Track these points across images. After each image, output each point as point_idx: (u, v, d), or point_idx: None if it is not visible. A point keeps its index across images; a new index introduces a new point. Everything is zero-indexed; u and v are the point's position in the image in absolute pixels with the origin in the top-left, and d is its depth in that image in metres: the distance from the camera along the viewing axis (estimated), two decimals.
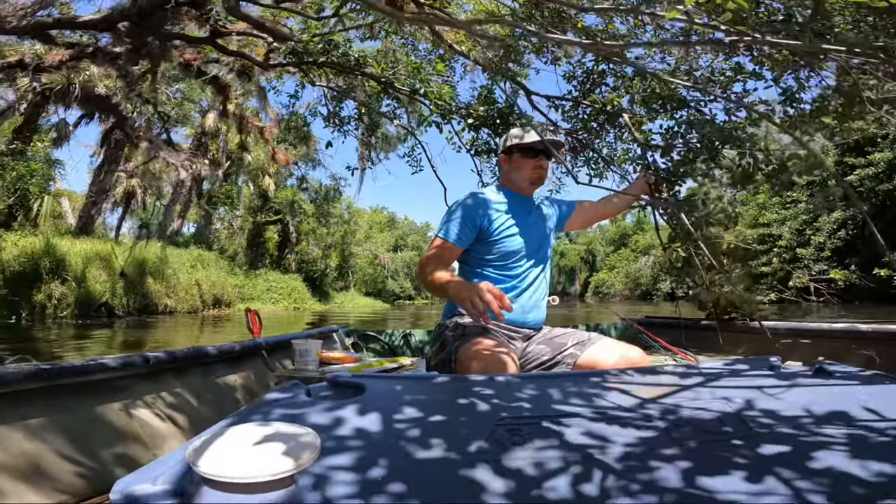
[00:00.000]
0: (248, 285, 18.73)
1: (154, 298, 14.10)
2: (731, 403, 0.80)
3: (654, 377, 1.01)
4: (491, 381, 0.98)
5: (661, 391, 0.89)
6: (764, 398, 0.84)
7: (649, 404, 0.82)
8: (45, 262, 12.08)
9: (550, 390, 0.90)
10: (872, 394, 0.86)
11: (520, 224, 1.70)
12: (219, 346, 1.98)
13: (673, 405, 0.81)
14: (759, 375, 0.98)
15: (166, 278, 14.74)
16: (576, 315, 11.48)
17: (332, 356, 2.50)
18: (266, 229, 23.40)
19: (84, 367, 1.35)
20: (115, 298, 13.00)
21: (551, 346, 1.63)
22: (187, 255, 16.86)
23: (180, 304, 14.81)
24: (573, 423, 0.73)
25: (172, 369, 1.72)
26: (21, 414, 1.19)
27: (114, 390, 1.46)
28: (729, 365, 1.07)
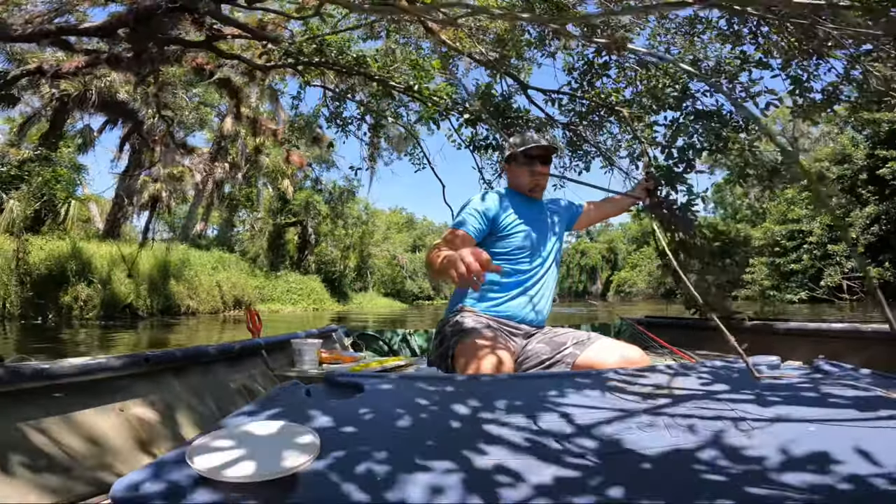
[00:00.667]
0: (268, 286, 18.98)
1: (176, 300, 14.40)
2: (729, 403, 0.80)
3: (653, 377, 1.00)
4: (490, 380, 0.98)
5: (660, 391, 0.89)
6: (763, 396, 0.83)
7: (648, 404, 0.82)
8: (71, 264, 12.46)
9: (549, 390, 0.90)
10: (872, 392, 0.85)
11: (529, 223, 1.72)
12: (218, 346, 1.98)
13: (672, 405, 0.81)
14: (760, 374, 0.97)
15: (188, 280, 15.05)
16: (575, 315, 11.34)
17: (331, 356, 2.56)
18: (286, 231, 23.70)
19: (83, 366, 1.35)
20: (139, 300, 13.33)
21: (551, 345, 1.63)
22: (209, 257, 17.17)
23: (202, 305, 15.09)
24: (573, 422, 0.74)
25: (172, 369, 1.71)
26: (20, 413, 1.19)
27: (113, 390, 1.45)
28: (729, 364, 1.06)
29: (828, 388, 0.90)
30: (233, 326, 11.62)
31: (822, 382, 0.94)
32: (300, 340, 2.40)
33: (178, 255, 15.61)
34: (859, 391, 0.87)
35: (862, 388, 0.89)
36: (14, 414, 1.18)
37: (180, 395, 1.68)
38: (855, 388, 0.89)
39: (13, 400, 1.19)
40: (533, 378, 1.01)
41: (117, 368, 1.45)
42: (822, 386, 0.92)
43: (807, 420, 0.74)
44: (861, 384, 0.91)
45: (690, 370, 1.05)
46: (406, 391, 0.93)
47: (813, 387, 0.92)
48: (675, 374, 1.02)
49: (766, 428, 0.71)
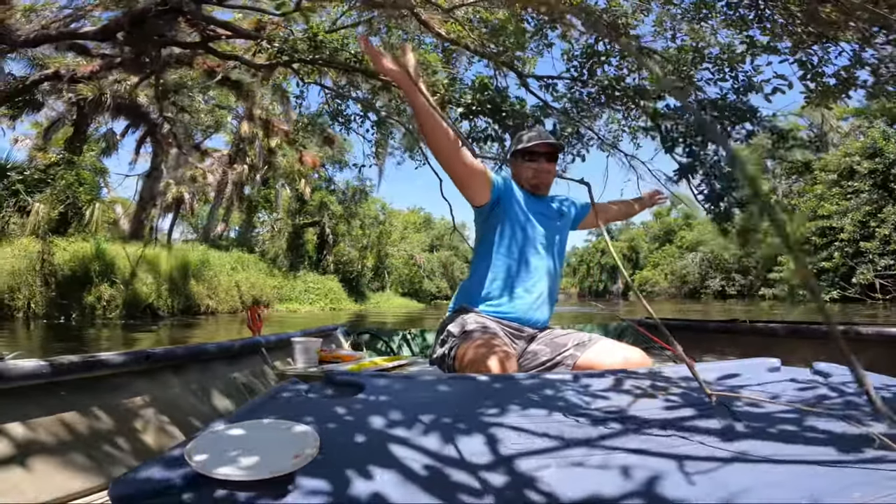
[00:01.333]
0: (286, 286, 19.17)
1: (196, 300, 14.64)
2: (731, 405, 0.80)
3: (654, 378, 0.99)
4: (490, 380, 0.98)
5: (661, 392, 0.89)
6: (764, 399, 0.83)
7: (649, 405, 0.81)
8: (94, 265, 12.77)
9: (549, 391, 0.90)
10: None
11: (530, 218, 1.69)
12: (218, 344, 1.98)
13: (672, 407, 0.81)
14: (759, 376, 0.97)
15: (208, 280, 15.29)
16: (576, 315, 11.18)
17: (331, 355, 2.58)
18: (305, 232, 23.94)
19: (84, 363, 1.35)
20: (160, 300, 13.60)
21: (551, 346, 1.62)
22: (228, 257, 17.42)
23: (220, 304, 15.32)
24: (572, 423, 0.73)
25: (172, 366, 1.71)
26: (21, 410, 1.19)
27: (113, 387, 1.45)
28: (729, 366, 1.06)
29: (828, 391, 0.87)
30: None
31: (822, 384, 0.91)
32: (300, 339, 2.40)
33: (198, 255, 15.87)
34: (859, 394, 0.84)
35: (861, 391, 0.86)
36: (14, 411, 1.18)
37: (180, 392, 1.68)
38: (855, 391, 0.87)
39: (13, 397, 1.19)
40: (533, 379, 0.99)
41: (117, 366, 1.45)
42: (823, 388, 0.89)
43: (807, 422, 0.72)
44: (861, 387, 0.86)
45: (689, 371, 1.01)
46: (406, 390, 0.92)
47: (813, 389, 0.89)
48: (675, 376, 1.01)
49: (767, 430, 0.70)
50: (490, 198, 1.65)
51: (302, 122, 5.26)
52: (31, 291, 11.42)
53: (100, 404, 1.39)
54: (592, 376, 1.03)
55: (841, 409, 0.78)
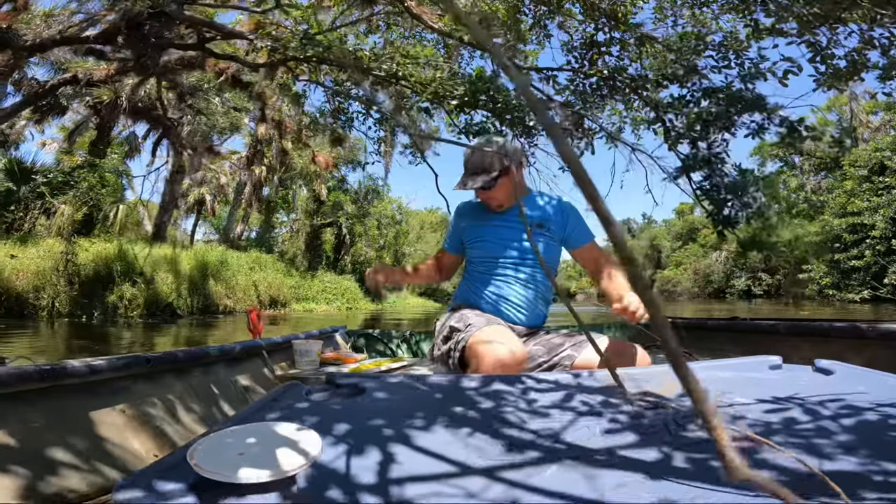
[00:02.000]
0: (303, 286, 19.34)
1: (215, 299, 14.89)
2: (732, 403, 0.80)
3: (654, 377, 0.99)
4: (489, 381, 0.98)
5: (661, 391, 0.88)
6: (766, 397, 0.83)
7: (649, 404, 0.81)
8: (117, 265, 13.09)
9: (549, 390, 0.90)
10: (874, 393, 0.84)
11: (494, 232, 1.77)
12: (219, 347, 2.00)
13: (673, 405, 0.80)
14: (761, 374, 0.97)
15: (226, 280, 15.53)
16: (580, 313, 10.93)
17: (332, 357, 2.59)
18: (323, 232, 24.16)
19: (85, 367, 1.35)
20: (180, 299, 13.86)
21: (547, 346, 1.63)
22: (246, 257, 17.67)
23: (238, 304, 15.54)
24: (572, 423, 0.73)
25: (173, 370, 1.73)
26: (22, 415, 1.19)
27: (115, 391, 1.47)
28: (730, 364, 1.06)
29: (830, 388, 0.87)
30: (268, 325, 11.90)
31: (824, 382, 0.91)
32: (301, 341, 2.43)
33: (217, 256, 16.13)
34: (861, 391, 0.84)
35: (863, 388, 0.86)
36: (16, 415, 1.18)
37: (181, 396, 1.70)
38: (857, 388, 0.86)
39: (15, 401, 1.20)
40: (533, 379, 1.00)
41: (119, 369, 1.46)
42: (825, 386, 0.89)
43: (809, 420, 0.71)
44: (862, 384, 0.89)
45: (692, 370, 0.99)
46: (407, 392, 0.92)
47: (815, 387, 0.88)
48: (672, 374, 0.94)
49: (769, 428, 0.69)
50: (465, 247, 1.88)
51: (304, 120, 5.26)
52: (55, 291, 11.76)
53: (101, 408, 1.40)
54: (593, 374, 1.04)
55: None
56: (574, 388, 0.93)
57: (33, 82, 9.11)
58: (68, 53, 8.56)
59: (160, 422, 1.53)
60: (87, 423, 1.33)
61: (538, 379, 1.01)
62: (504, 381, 0.98)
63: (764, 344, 2.31)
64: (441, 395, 0.92)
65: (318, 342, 2.46)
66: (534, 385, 0.95)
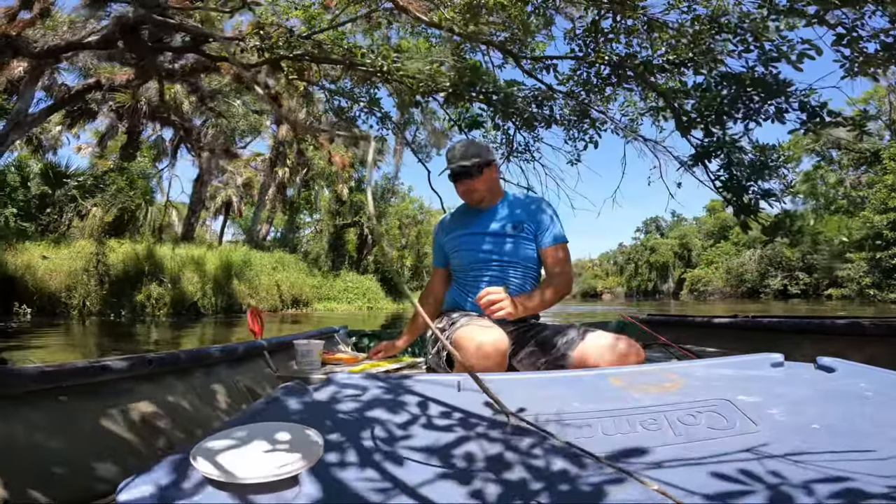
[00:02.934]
0: (325, 286, 19.52)
1: (238, 298, 15.17)
2: (733, 400, 0.79)
3: (654, 374, 0.99)
4: (491, 381, 0.95)
5: (661, 388, 0.88)
6: (767, 394, 0.82)
7: (649, 402, 0.81)
8: (145, 265, 13.47)
9: (549, 389, 0.90)
10: (875, 390, 0.83)
11: (471, 240, 1.82)
12: (221, 347, 2.02)
13: (674, 402, 0.80)
14: (762, 372, 0.97)
15: (249, 280, 15.80)
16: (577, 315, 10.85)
17: (334, 357, 2.57)
18: (345, 232, 24.37)
19: (86, 368, 1.37)
20: (205, 298, 14.17)
21: (544, 345, 1.63)
22: (269, 258, 17.94)
23: (261, 303, 15.78)
24: (572, 421, 0.73)
25: (175, 371, 1.74)
26: (24, 416, 1.20)
27: (117, 392, 1.47)
28: (732, 362, 1.06)
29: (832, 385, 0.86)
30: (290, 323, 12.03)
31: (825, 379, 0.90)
32: (302, 342, 2.42)
33: (241, 256, 16.43)
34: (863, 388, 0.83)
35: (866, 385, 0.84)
36: (18, 416, 1.19)
37: (183, 396, 1.70)
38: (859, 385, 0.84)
39: (18, 402, 1.20)
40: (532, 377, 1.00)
41: (121, 370, 1.47)
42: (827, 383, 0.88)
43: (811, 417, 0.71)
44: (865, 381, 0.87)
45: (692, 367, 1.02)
46: (408, 392, 0.92)
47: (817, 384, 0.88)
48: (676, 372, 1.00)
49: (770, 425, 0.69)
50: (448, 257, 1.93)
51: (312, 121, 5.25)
52: (86, 290, 12.17)
53: (104, 409, 1.40)
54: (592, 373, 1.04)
55: None
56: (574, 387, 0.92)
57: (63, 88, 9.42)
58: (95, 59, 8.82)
59: (162, 422, 1.53)
60: (89, 424, 1.33)
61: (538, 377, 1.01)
62: (503, 381, 0.97)
63: (767, 342, 2.31)
64: (442, 396, 0.91)
65: (320, 342, 2.43)
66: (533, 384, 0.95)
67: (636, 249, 57.01)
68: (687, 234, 51.94)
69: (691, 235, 51.40)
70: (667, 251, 52.40)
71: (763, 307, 21.73)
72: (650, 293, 52.53)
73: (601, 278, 62.55)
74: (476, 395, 0.88)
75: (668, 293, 51.05)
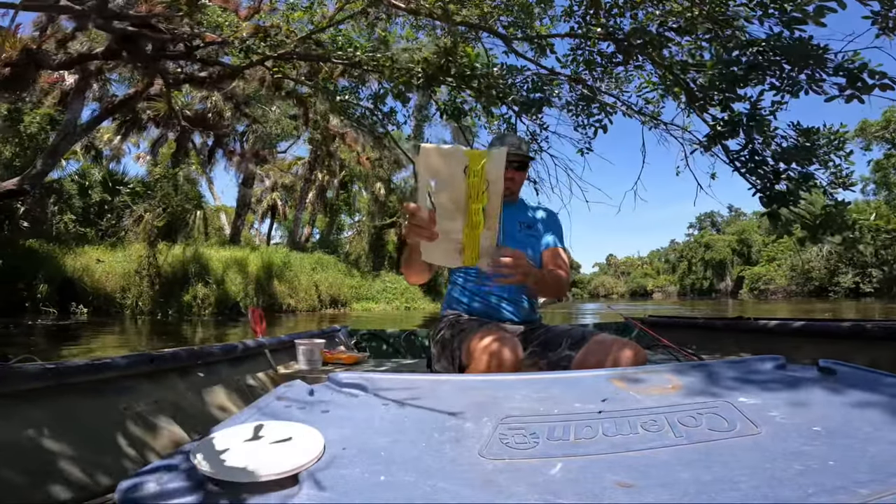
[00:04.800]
0: (364, 286, 19.79)
1: (279, 298, 15.63)
2: (734, 402, 0.78)
3: (656, 376, 0.98)
4: (492, 381, 0.98)
5: (662, 390, 0.87)
6: (768, 397, 0.81)
7: (651, 404, 0.80)
8: (192, 267, 14.12)
9: (550, 390, 0.90)
10: (878, 393, 0.81)
11: None
12: (223, 346, 2.04)
13: (676, 404, 0.79)
14: (764, 374, 0.96)
15: (289, 280, 16.23)
16: None
17: (335, 356, 2.63)
18: (385, 233, 24.62)
19: (88, 366, 1.38)
20: (247, 298, 14.68)
21: (546, 346, 1.63)
22: (309, 258, 18.38)
23: (300, 303, 16.19)
24: (573, 423, 0.73)
25: (176, 369, 1.75)
26: (26, 414, 1.21)
27: (118, 390, 1.48)
28: (733, 364, 1.04)
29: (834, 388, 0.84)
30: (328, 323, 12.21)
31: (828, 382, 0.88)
32: (303, 341, 2.47)
33: (281, 257, 16.91)
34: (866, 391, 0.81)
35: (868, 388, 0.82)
36: (20, 414, 1.20)
37: (185, 394, 1.72)
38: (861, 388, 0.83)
39: (20, 400, 1.21)
40: (534, 378, 0.98)
41: (122, 368, 1.48)
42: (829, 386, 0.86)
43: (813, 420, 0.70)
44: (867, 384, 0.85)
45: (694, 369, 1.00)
46: (409, 391, 0.91)
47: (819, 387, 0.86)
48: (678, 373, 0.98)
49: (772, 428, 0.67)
50: None
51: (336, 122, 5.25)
52: (138, 291, 12.91)
53: (106, 407, 1.41)
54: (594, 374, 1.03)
55: None
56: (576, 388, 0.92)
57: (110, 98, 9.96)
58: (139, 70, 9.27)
59: (163, 421, 1.54)
60: (90, 422, 1.34)
61: (540, 378, 1.00)
62: (505, 382, 0.97)
63: (768, 344, 2.30)
64: (443, 395, 0.91)
65: (321, 342, 2.48)
66: (535, 385, 0.94)
67: (689, 246, 54.37)
68: (746, 229, 48.92)
69: (751, 230, 48.37)
70: (723, 247, 49.60)
71: (832, 307, 20.07)
72: (705, 292, 49.90)
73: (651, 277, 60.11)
74: (477, 395, 0.88)
75: (725, 292, 48.32)
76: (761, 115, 3.18)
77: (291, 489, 0.55)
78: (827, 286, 33.53)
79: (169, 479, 0.56)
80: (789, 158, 3.43)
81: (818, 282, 34.60)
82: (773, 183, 3.34)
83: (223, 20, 4.63)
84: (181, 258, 14.27)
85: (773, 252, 42.62)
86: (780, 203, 3.49)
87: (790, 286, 37.90)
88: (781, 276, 39.35)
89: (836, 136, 3.57)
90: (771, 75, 2.99)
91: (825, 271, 34.08)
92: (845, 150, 3.58)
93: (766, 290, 40.23)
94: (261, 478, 0.56)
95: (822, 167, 3.56)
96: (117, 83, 11.45)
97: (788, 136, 3.52)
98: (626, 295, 57.75)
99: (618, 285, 60.99)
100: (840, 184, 3.61)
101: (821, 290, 34.14)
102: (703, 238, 52.81)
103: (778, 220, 3.57)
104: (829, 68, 2.66)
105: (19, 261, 11.82)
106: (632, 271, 63.01)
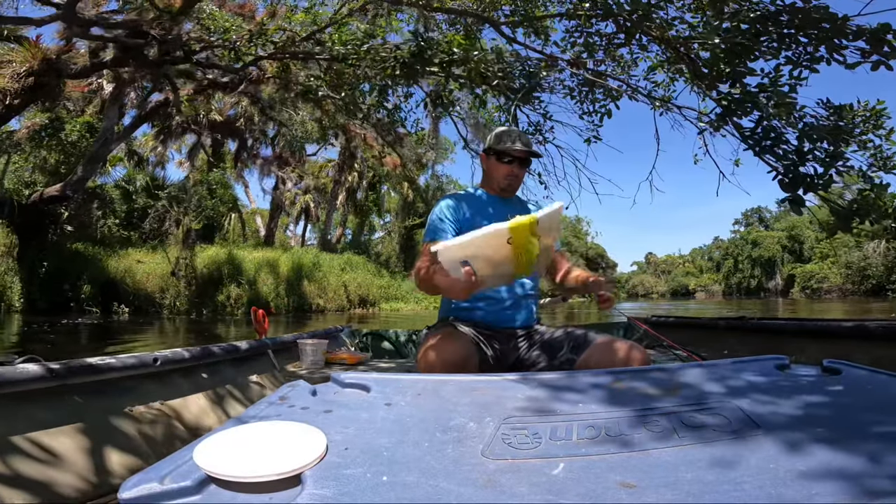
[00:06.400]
0: (393, 286, 19.92)
1: (308, 298, 15.95)
2: (738, 403, 0.77)
3: (659, 376, 0.98)
4: (494, 381, 0.99)
5: (664, 390, 0.87)
6: (772, 397, 0.81)
7: (654, 404, 0.80)
8: (226, 269, 14.61)
9: (553, 391, 0.90)
10: (881, 392, 0.82)
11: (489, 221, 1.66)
12: (225, 346, 2.04)
13: (679, 405, 0.79)
14: (767, 374, 0.95)
15: (318, 281, 16.53)
16: None
17: (337, 356, 2.65)
18: (415, 233, 24.72)
19: (92, 366, 1.38)
20: (278, 298, 15.06)
21: (547, 350, 1.62)
22: (338, 259, 18.66)
23: (329, 303, 16.45)
24: (576, 423, 0.73)
25: (180, 369, 1.76)
26: (29, 414, 1.22)
27: (122, 390, 1.49)
28: (736, 364, 1.05)
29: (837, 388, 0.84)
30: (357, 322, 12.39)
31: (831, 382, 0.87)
32: (306, 341, 2.49)
33: (311, 258, 17.24)
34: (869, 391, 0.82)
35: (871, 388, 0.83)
36: (24, 414, 1.20)
37: (188, 395, 1.73)
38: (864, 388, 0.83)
39: (24, 400, 1.22)
40: (537, 379, 0.99)
41: (126, 368, 1.48)
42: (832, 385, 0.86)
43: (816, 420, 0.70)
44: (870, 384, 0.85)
45: (697, 369, 1.00)
46: (411, 391, 0.92)
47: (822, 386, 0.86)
48: (681, 374, 0.98)
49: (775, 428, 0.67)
50: None
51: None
52: (176, 291, 13.46)
53: (109, 407, 1.42)
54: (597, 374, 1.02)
55: None
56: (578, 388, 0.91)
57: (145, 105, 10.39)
58: None
59: (166, 420, 1.54)
60: (94, 422, 1.34)
61: (543, 378, 1.01)
62: (508, 382, 0.98)
63: (772, 343, 2.30)
64: (445, 395, 0.91)
65: (324, 342, 2.50)
66: (538, 385, 0.94)
67: (735, 243, 51.93)
68: (797, 224, 46.29)
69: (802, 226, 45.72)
70: (772, 244, 47.10)
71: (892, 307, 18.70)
72: (753, 291, 47.53)
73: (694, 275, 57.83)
74: (480, 395, 0.88)
75: (774, 291, 45.88)
76: (780, 91, 2.91)
77: (294, 489, 0.55)
78: (885, 284, 31.34)
79: (172, 479, 0.56)
80: (818, 137, 3.12)
81: (875, 280, 32.38)
82: (798, 165, 3.05)
83: (230, 24, 4.72)
84: (216, 259, 14.80)
85: (826, 248, 40.16)
86: (806, 187, 3.19)
87: (845, 284, 35.60)
88: (836, 273, 37.01)
89: (873, 112, 3.25)
90: (785, 48, 2.75)
91: (883, 268, 31.87)
92: (885, 128, 3.26)
93: (819, 288, 37.94)
94: (263, 478, 0.56)
95: (861, 148, 3.25)
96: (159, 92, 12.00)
97: (818, 116, 3.23)
98: (667, 294, 55.80)
99: (658, 284, 59.01)
100: (880, 166, 3.28)
101: (879, 289, 31.95)
102: (751, 235, 50.37)
103: (801, 205, 3.26)
104: (850, 34, 2.41)
105: (65, 263, 12.54)
106: (672, 270, 60.85)
